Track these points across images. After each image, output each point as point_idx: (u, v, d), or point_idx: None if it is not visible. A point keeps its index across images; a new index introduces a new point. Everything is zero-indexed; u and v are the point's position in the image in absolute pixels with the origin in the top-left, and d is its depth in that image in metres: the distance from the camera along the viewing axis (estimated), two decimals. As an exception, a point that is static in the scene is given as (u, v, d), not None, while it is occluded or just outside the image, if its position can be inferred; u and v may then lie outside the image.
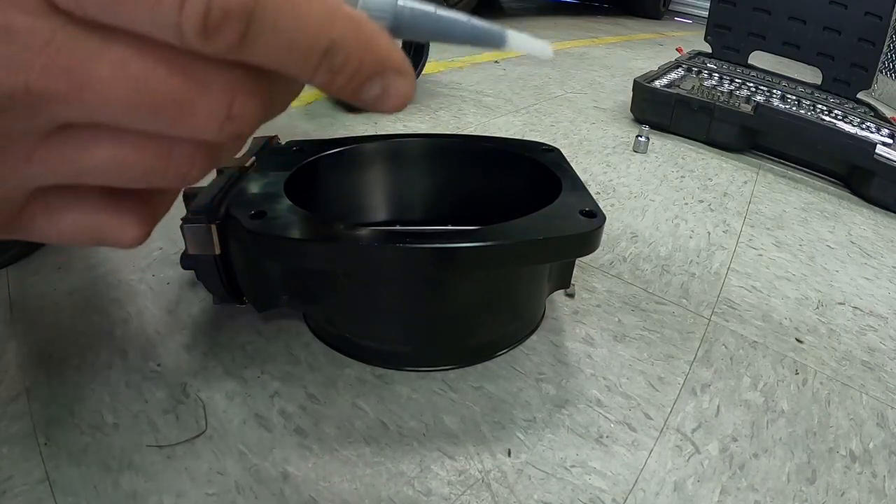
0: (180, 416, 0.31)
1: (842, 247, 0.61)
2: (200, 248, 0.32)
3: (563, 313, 0.43)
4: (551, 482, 0.30)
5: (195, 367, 0.35)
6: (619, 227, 0.58)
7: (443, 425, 0.32)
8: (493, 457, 0.31)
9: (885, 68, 1.45)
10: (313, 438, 0.31)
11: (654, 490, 0.30)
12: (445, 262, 0.29)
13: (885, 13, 1.04)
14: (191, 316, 0.39)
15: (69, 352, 0.35)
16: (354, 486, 0.28)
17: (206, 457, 0.29)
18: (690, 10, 3.46)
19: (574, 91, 1.10)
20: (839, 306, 0.49)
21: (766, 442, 0.34)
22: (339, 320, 0.36)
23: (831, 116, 0.91)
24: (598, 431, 0.33)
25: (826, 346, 0.44)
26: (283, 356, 0.36)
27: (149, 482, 0.28)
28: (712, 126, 0.86)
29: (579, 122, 0.91)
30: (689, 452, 0.33)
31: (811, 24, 1.10)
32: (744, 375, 0.39)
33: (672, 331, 0.43)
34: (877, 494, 0.31)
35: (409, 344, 0.36)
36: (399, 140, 0.43)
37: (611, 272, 0.50)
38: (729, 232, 0.60)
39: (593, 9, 2.92)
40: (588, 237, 0.31)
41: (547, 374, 0.37)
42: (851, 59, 1.08)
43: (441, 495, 0.29)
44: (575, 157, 0.75)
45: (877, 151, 0.73)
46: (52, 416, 0.31)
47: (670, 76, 1.01)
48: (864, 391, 0.39)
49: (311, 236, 0.29)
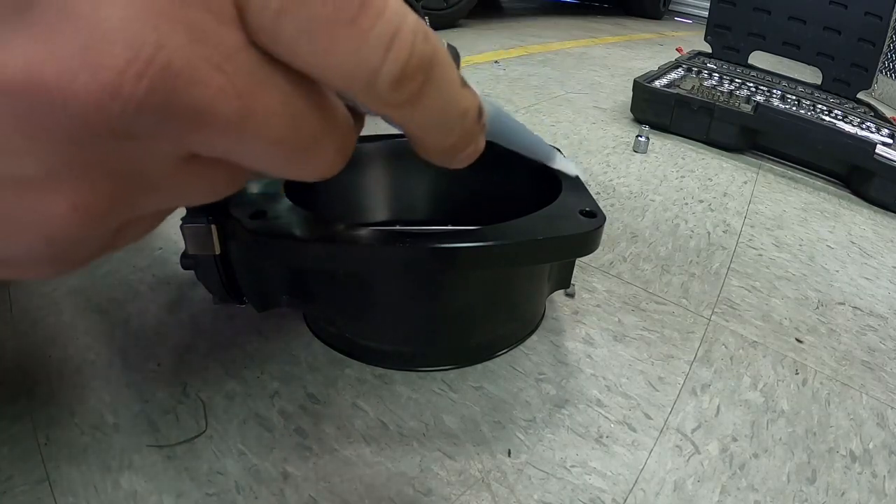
0: (180, 416, 0.31)
1: (842, 247, 0.61)
2: (200, 248, 0.32)
3: (563, 313, 0.43)
4: (551, 482, 0.30)
5: (195, 367, 0.35)
6: (619, 227, 0.58)
7: (443, 425, 0.32)
8: (493, 457, 0.31)
9: (885, 68, 1.45)
10: (313, 438, 0.31)
11: (654, 490, 0.30)
12: (445, 262, 0.29)
13: (885, 13, 1.03)
14: (191, 316, 0.39)
15: (69, 352, 0.35)
16: (354, 486, 0.28)
17: (206, 457, 0.29)
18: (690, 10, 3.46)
19: (574, 91, 1.10)
20: (839, 306, 0.49)
21: (766, 442, 0.34)
22: (339, 320, 0.36)
23: (831, 116, 0.91)
24: (598, 431, 0.33)
25: (826, 346, 0.44)
26: (283, 356, 0.36)
27: (149, 482, 0.28)
28: (712, 126, 0.86)
29: (579, 122, 0.91)
30: (689, 452, 0.33)
31: (811, 24, 1.10)
32: (744, 375, 0.39)
33: (672, 331, 0.43)
34: (877, 494, 0.31)
35: (409, 344, 0.36)
36: (399, 140, 0.43)
37: (611, 272, 0.50)
38: (729, 232, 0.60)
39: (593, 9, 2.92)
40: (588, 237, 0.31)
41: (547, 374, 0.37)
42: (851, 59, 1.08)
43: (441, 495, 0.29)
44: (575, 157, 0.75)
45: (877, 151, 0.73)
46: (52, 416, 0.31)
47: (670, 76, 1.01)
48: (864, 391, 0.39)
49: (312, 236, 0.29)
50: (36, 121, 0.09)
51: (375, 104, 0.11)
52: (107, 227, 0.11)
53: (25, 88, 0.08)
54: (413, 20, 0.10)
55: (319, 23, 0.10)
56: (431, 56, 0.11)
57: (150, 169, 0.11)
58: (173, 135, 0.10)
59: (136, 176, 0.10)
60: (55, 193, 0.10)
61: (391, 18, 0.10)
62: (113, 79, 0.08)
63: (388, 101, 0.11)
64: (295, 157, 0.11)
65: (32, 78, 0.08)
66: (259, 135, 0.10)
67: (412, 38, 0.10)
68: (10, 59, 0.08)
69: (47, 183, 0.09)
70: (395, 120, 0.12)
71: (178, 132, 0.10)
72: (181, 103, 0.09)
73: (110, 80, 0.08)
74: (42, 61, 0.08)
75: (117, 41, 0.08)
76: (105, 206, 0.10)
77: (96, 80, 0.08)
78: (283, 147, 0.11)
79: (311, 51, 0.10)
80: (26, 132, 0.09)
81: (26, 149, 0.09)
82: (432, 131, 0.13)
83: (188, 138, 0.10)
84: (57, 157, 0.09)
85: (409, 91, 0.11)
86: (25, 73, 0.08)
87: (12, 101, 0.08)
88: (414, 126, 0.12)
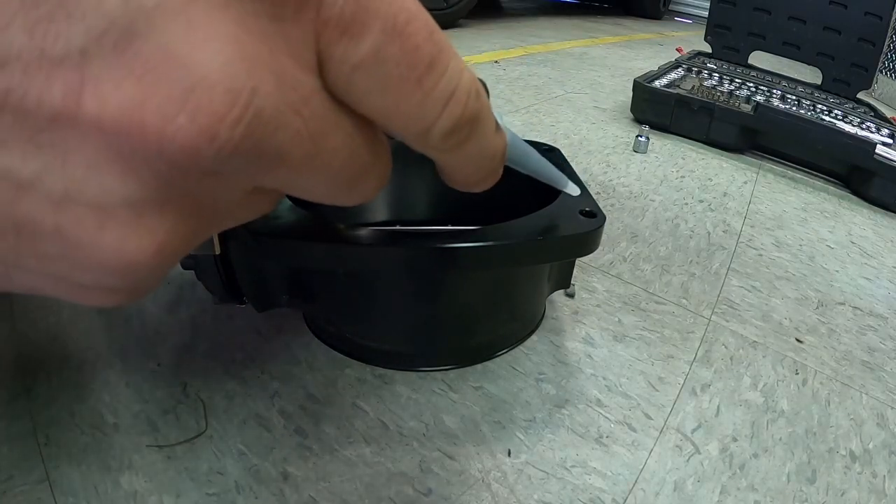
0: (180, 416, 0.31)
1: (842, 247, 0.61)
2: (200, 248, 0.32)
3: (563, 313, 0.43)
4: (551, 482, 0.30)
5: (195, 367, 0.35)
6: (619, 227, 0.58)
7: (443, 425, 0.32)
8: (493, 457, 0.31)
9: (885, 68, 1.45)
10: (313, 438, 0.31)
11: (654, 490, 0.30)
12: (446, 262, 0.29)
13: (885, 13, 1.04)
14: (191, 316, 0.39)
15: (69, 352, 0.35)
16: (354, 486, 0.28)
17: (206, 457, 0.29)
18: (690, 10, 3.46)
19: (574, 91, 1.10)
20: (839, 306, 0.49)
21: (766, 442, 0.34)
22: (339, 320, 0.36)
23: (831, 116, 0.91)
24: (598, 431, 0.33)
25: (826, 346, 0.44)
26: (283, 356, 0.36)
27: (149, 482, 0.28)
28: (712, 126, 0.86)
29: (579, 122, 0.91)
30: (689, 452, 0.33)
31: (811, 24, 1.10)
32: (744, 375, 0.39)
33: (672, 331, 0.43)
34: (877, 494, 0.31)
35: (410, 344, 0.36)
36: (399, 141, 0.43)
37: (611, 272, 0.50)
38: (729, 232, 0.60)
39: (593, 9, 2.92)
40: (588, 237, 0.31)
41: (547, 374, 0.37)
42: (851, 59, 1.08)
43: (441, 495, 0.29)
44: (575, 157, 0.75)
45: (877, 151, 0.73)
46: (52, 416, 0.31)
47: (670, 76, 1.01)
48: (864, 391, 0.39)
49: (312, 236, 0.29)
50: (128, 158, 0.09)
51: (425, 148, 0.12)
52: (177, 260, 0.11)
53: (122, 128, 0.08)
54: (468, 79, 0.12)
55: (391, 80, 0.10)
56: (479, 111, 0.12)
57: (222, 202, 0.11)
58: (253, 173, 0.10)
59: (210, 210, 0.11)
60: (136, 227, 0.10)
61: (452, 77, 0.11)
62: (212, 124, 0.09)
63: (435, 147, 0.12)
64: (345, 187, 0.12)
65: (131, 118, 0.08)
66: (321, 171, 0.11)
67: (466, 97, 0.11)
68: (108, 96, 0.08)
69: (131, 216, 0.10)
70: (434, 158, 0.13)
71: (258, 171, 0.10)
72: (267, 147, 0.09)
73: (209, 126, 0.09)
74: (141, 102, 0.08)
75: (217, 86, 0.09)
76: (182, 241, 0.11)
77: (195, 124, 0.09)
78: (337, 180, 0.11)
79: (380, 104, 0.11)
80: (119, 167, 0.09)
81: (116, 183, 0.09)
82: (465, 169, 0.14)
83: (263, 176, 0.10)
84: (144, 193, 0.09)
85: (455, 140, 0.12)
86: (123, 113, 0.08)
87: (108, 137, 0.09)
88: (452, 164, 0.13)
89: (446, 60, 0.11)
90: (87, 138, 0.09)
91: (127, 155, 0.09)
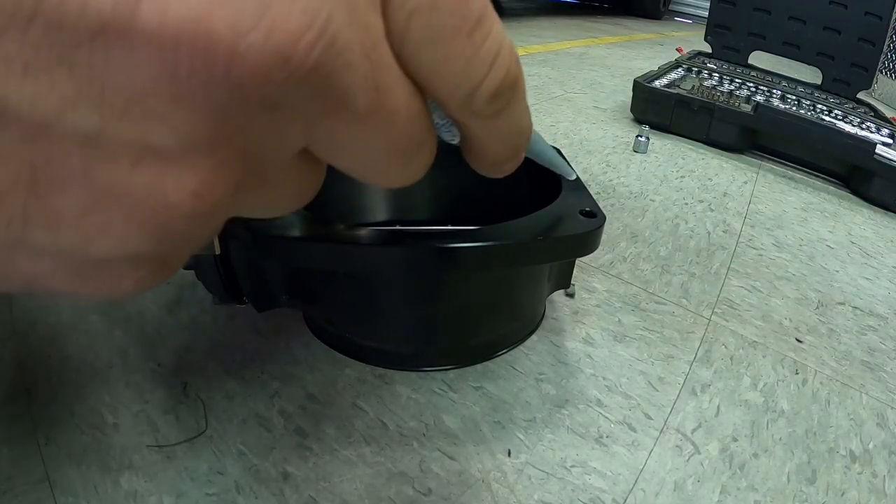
0: (180, 416, 0.31)
1: (842, 247, 0.61)
2: (200, 248, 0.32)
3: (563, 313, 0.43)
4: (551, 482, 0.30)
5: (195, 367, 0.35)
6: (619, 227, 0.58)
7: (443, 425, 0.32)
8: (493, 457, 0.31)
9: (885, 68, 1.45)
10: (313, 438, 0.31)
11: (654, 490, 0.30)
12: (446, 262, 0.29)
13: (885, 13, 1.04)
14: (191, 316, 0.39)
15: (69, 352, 0.35)
16: (354, 486, 0.28)
17: (206, 457, 0.29)
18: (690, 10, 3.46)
19: (574, 91, 1.10)
20: (839, 306, 0.49)
21: (766, 442, 0.34)
22: (339, 320, 0.36)
23: (831, 116, 0.91)
24: (598, 431, 0.33)
25: (826, 346, 0.44)
26: (283, 356, 0.36)
27: (149, 482, 0.28)
28: (712, 126, 0.86)
29: (579, 122, 0.91)
30: (689, 452, 0.33)
31: (811, 24, 1.10)
32: (744, 375, 0.39)
33: (672, 331, 0.43)
34: (877, 494, 0.31)
35: (409, 344, 0.36)
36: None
37: (611, 272, 0.50)
38: (729, 232, 0.60)
39: (593, 9, 2.92)
40: (588, 237, 0.31)
41: (547, 374, 0.37)
42: (851, 59, 1.08)
43: (441, 495, 0.29)
44: (575, 157, 0.75)
45: (877, 151, 0.73)
46: (52, 416, 0.31)
47: (670, 76, 1.01)
48: (864, 391, 0.39)
49: (312, 236, 0.29)
50: (187, 80, 0.08)
51: (466, 114, 0.12)
52: (211, 227, 0.10)
53: (187, 39, 0.07)
54: (510, 42, 0.11)
55: (443, 31, 0.10)
56: (519, 77, 0.12)
57: (271, 156, 0.10)
58: (313, 115, 0.09)
59: (258, 163, 0.10)
60: (182, 169, 0.08)
61: (497, 37, 0.11)
62: (287, 45, 0.08)
63: (479, 112, 0.11)
64: (399, 160, 0.11)
65: (196, 31, 0.07)
66: (380, 131, 0.10)
67: (510, 58, 0.11)
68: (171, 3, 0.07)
69: (176, 156, 0.08)
70: (472, 130, 0.13)
71: (319, 113, 0.09)
72: (335, 84, 0.09)
73: (284, 46, 0.08)
74: (209, 12, 0.07)
75: (295, 4, 0.08)
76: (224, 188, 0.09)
77: (270, 42, 0.08)
78: (394, 149, 0.11)
79: (431, 58, 0.10)
80: (171, 93, 0.08)
81: (165, 112, 0.08)
82: (498, 144, 0.13)
83: (321, 123, 0.10)
84: (196, 127, 0.08)
85: (498, 105, 0.11)
86: (189, 24, 0.07)
87: (165, 53, 0.07)
88: (485, 137, 0.13)
89: (492, 19, 0.11)
90: (138, 57, 0.07)
91: (183, 78, 0.07)
